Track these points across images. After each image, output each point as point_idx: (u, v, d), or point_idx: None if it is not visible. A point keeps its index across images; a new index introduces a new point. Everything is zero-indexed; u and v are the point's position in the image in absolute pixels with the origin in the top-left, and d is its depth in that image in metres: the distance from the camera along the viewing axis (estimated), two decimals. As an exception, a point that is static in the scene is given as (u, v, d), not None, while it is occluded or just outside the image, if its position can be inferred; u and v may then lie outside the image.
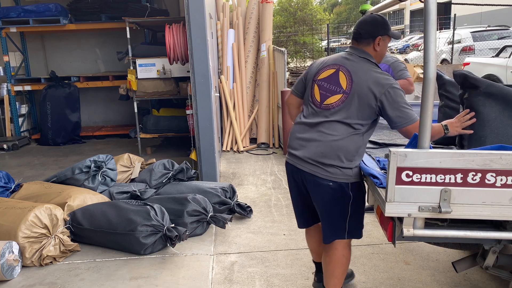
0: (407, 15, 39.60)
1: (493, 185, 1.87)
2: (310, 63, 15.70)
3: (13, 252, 3.21)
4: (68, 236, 3.57)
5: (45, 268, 3.36)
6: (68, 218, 3.69)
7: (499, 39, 13.57)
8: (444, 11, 25.34)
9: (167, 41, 6.00)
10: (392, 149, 1.89)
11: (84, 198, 3.92)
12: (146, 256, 3.51)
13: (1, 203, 3.68)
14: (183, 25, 5.91)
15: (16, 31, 8.02)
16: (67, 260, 3.47)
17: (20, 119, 8.36)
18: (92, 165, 4.30)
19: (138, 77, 6.67)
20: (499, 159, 1.84)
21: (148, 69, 6.69)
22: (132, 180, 4.83)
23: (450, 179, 1.87)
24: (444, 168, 1.86)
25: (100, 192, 4.22)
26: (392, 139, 3.19)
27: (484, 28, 15.42)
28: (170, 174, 4.59)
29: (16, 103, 8.20)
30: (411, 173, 1.88)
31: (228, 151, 7.05)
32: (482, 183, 1.87)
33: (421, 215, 1.94)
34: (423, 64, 1.88)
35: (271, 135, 7.34)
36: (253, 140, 7.51)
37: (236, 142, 7.13)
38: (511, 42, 12.21)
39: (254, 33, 7.58)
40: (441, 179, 1.88)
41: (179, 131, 6.97)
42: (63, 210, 3.67)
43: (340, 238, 2.49)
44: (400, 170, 1.88)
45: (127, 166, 4.94)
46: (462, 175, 1.87)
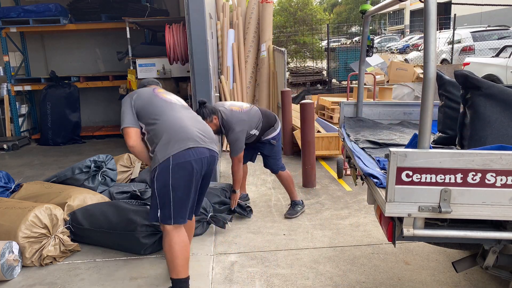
0: (407, 15, 39.60)
1: (493, 185, 1.87)
2: (310, 63, 15.54)
3: (13, 252, 3.21)
4: (68, 236, 3.57)
5: (45, 268, 3.36)
6: (68, 218, 3.69)
7: (499, 39, 13.57)
8: (444, 11, 25.34)
9: (167, 41, 6.00)
10: (392, 149, 1.89)
11: (84, 198, 3.92)
12: (146, 256, 3.51)
13: (1, 203, 3.68)
14: (183, 25, 5.92)
15: (16, 31, 8.03)
16: (67, 260, 3.47)
17: (20, 119, 8.37)
18: (92, 165, 4.30)
19: (138, 77, 6.67)
20: (499, 159, 1.84)
21: (148, 69, 6.69)
22: (132, 180, 4.83)
23: (450, 179, 1.87)
24: (444, 168, 1.86)
25: (100, 192, 4.22)
26: (392, 139, 3.19)
27: (484, 28, 15.42)
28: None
29: (16, 103, 8.20)
30: (411, 173, 1.88)
31: (228, 151, 7.04)
32: (482, 183, 1.87)
33: (421, 215, 1.95)
34: (423, 64, 1.88)
35: (271, 135, 7.33)
36: (253, 140, 7.50)
37: (236, 142, 7.12)
38: (511, 42, 12.21)
39: (254, 33, 7.58)
40: (441, 179, 1.88)
41: (179, 131, 6.97)
42: (63, 210, 3.67)
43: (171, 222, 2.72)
44: (400, 170, 1.89)
45: (127, 166, 4.94)
46: (462, 175, 1.87)
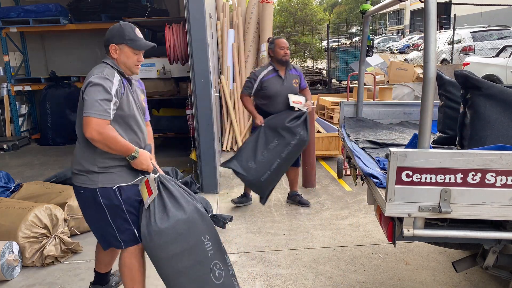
0: (407, 15, 39.60)
1: (493, 185, 1.87)
2: (310, 63, 15.52)
3: (13, 252, 3.21)
4: (68, 236, 3.57)
5: (45, 268, 3.36)
6: (68, 218, 3.69)
7: (499, 39, 13.58)
8: (444, 11, 25.34)
9: (167, 41, 6.00)
10: (392, 149, 1.89)
11: (84, 198, 3.92)
12: (146, 256, 3.51)
13: (1, 203, 3.68)
14: (183, 25, 5.91)
15: (16, 31, 8.03)
16: (67, 260, 3.47)
17: (20, 119, 8.36)
18: (92, 165, 4.30)
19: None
20: (499, 159, 1.84)
21: (148, 69, 6.69)
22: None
23: (450, 179, 1.87)
24: (444, 168, 1.86)
25: (100, 192, 4.22)
26: (392, 139, 3.19)
27: (484, 28, 15.42)
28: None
29: (16, 103, 8.20)
30: (411, 173, 1.88)
31: (228, 151, 7.05)
32: (482, 183, 1.87)
33: (421, 215, 1.95)
34: (423, 64, 1.88)
35: (271, 135, 7.33)
36: (253, 140, 7.50)
37: (236, 142, 7.13)
38: (511, 42, 12.21)
39: (254, 33, 7.58)
40: (441, 179, 1.88)
41: (179, 131, 6.97)
42: (63, 210, 3.67)
43: (118, 247, 2.47)
44: (400, 170, 1.89)
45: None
46: (462, 175, 1.87)
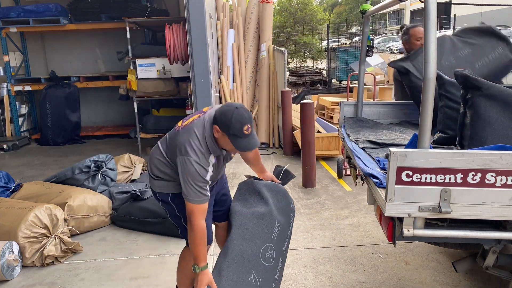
0: (407, 15, 39.58)
1: (493, 185, 1.87)
2: (310, 63, 15.49)
3: (13, 252, 3.21)
4: (68, 237, 3.57)
5: (45, 268, 3.36)
6: (68, 218, 3.69)
7: (499, 39, 13.55)
8: (444, 11, 25.34)
9: (167, 41, 6.00)
10: (392, 149, 1.89)
11: (84, 198, 3.92)
12: (146, 256, 3.52)
13: (1, 203, 3.68)
14: (183, 25, 5.91)
15: (16, 31, 8.03)
16: (67, 260, 3.47)
17: (20, 119, 8.36)
18: (92, 165, 4.30)
19: (138, 77, 6.67)
20: (499, 159, 1.84)
21: (148, 69, 6.69)
22: (133, 181, 4.83)
23: (450, 179, 1.87)
24: (444, 168, 1.86)
25: (100, 192, 4.22)
26: (392, 139, 3.19)
27: (484, 28, 15.39)
28: None
29: (16, 103, 8.20)
30: (411, 173, 1.88)
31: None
32: (482, 183, 1.87)
33: (421, 215, 1.94)
34: (423, 64, 1.87)
35: (271, 135, 7.34)
36: (253, 140, 7.50)
37: (236, 142, 7.12)
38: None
39: (254, 33, 7.58)
40: (441, 179, 1.88)
41: (179, 131, 6.96)
42: (63, 210, 3.67)
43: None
44: (400, 170, 1.88)
45: (127, 166, 4.94)
46: (462, 175, 1.86)
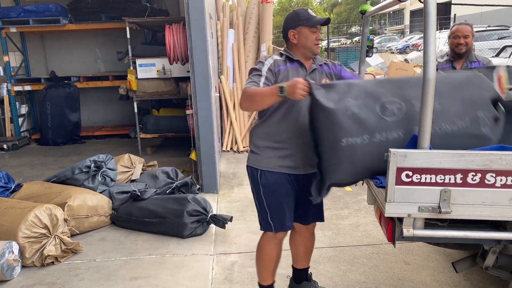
0: (407, 15, 39.59)
1: (493, 185, 1.87)
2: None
3: (13, 252, 3.21)
4: (68, 237, 3.57)
5: (45, 268, 3.36)
6: (68, 218, 3.69)
7: (499, 39, 13.58)
8: (444, 11, 25.34)
9: (167, 41, 6.00)
10: (392, 149, 1.89)
11: (84, 198, 3.92)
12: (146, 256, 3.52)
13: (1, 203, 3.68)
14: (183, 25, 5.91)
15: (16, 31, 8.02)
16: (67, 260, 3.47)
17: (20, 119, 8.36)
18: (92, 165, 4.30)
19: (138, 77, 6.67)
20: (498, 159, 1.84)
21: (148, 69, 6.69)
22: (133, 181, 4.83)
23: (450, 179, 1.87)
24: (444, 168, 1.86)
25: (100, 192, 4.22)
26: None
27: (484, 28, 15.42)
28: (174, 185, 4.50)
29: (16, 103, 8.20)
30: (411, 173, 1.88)
31: (228, 151, 7.05)
32: (482, 184, 1.87)
33: (421, 215, 1.94)
34: (423, 65, 1.88)
35: (271, 135, 7.33)
36: (253, 140, 7.49)
37: (236, 142, 7.13)
38: (511, 42, 12.22)
39: (254, 33, 7.58)
40: (441, 180, 1.88)
41: (179, 131, 6.97)
42: (63, 210, 3.67)
43: (261, 228, 2.64)
44: (400, 171, 1.88)
45: (127, 166, 4.94)
46: (462, 176, 1.87)
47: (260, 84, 2.31)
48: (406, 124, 2.00)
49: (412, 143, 1.98)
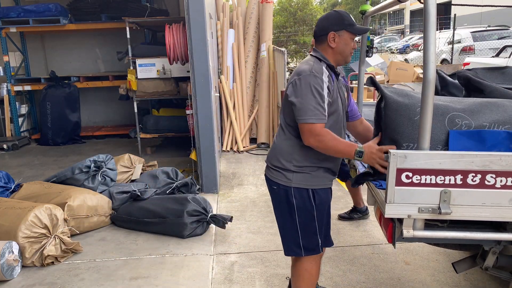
0: (407, 15, 39.59)
1: (492, 186, 1.87)
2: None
3: (13, 252, 3.21)
4: (68, 237, 3.57)
5: (45, 268, 3.36)
6: (68, 218, 3.69)
7: (499, 39, 13.58)
8: (444, 11, 25.33)
9: (167, 41, 6.00)
10: (392, 150, 1.89)
11: (84, 198, 3.92)
12: (146, 256, 3.52)
13: (1, 203, 3.68)
14: (183, 25, 5.91)
15: (16, 31, 8.02)
16: (67, 260, 3.47)
17: (20, 119, 8.36)
18: (92, 165, 4.30)
19: (138, 77, 6.66)
20: (498, 160, 1.84)
21: (148, 69, 6.69)
22: (133, 181, 4.83)
23: (450, 180, 1.87)
24: (444, 169, 1.86)
25: (100, 192, 4.22)
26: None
27: (484, 28, 15.43)
28: (174, 185, 4.49)
29: (16, 103, 8.19)
30: (411, 174, 1.88)
31: (228, 151, 7.05)
32: (482, 184, 1.87)
33: (421, 216, 1.95)
34: (423, 65, 1.88)
35: (271, 135, 7.34)
36: (253, 140, 7.51)
37: (236, 142, 7.13)
38: (511, 42, 12.22)
39: (254, 33, 7.58)
40: (441, 180, 1.88)
41: (179, 131, 6.97)
42: (63, 210, 3.67)
43: (297, 254, 2.37)
44: (400, 172, 1.89)
45: (127, 166, 4.94)
46: (462, 176, 1.87)
47: (326, 118, 2.13)
48: None
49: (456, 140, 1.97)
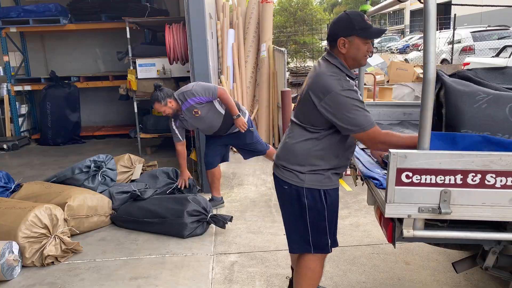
0: (407, 15, 39.59)
1: (493, 186, 1.87)
2: (310, 63, 15.56)
3: (13, 252, 3.21)
4: (68, 237, 3.57)
5: (45, 268, 3.36)
6: (68, 218, 3.69)
7: (499, 39, 13.58)
8: (444, 11, 25.33)
9: (167, 41, 6.00)
10: (392, 150, 1.89)
11: (84, 198, 3.92)
12: (146, 256, 3.52)
13: (1, 203, 3.69)
14: (183, 25, 5.91)
15: (16, 31, 8.02)
16: (67, 260, 3.48)
17: (20, 119, 8.36)
18: (92, 165, 4.31)
19: (138, 77, 6.66)
20: (499, 160, 1.84)
21: (148, 69, 6.68)
22: (132, 181, 4.83)
23: (450, 180, 1.87)
24: (444, 169, 1.86)
25: (100, 192, 4.23)
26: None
27: (484, 28, 15.42)
28: (174, 185, 4.52)
29: (16, 103, 8.19)
30: (411, 174, 1.88)
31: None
32: (482, 184, 1.87)
33: (421, 216, 1.94)
34: (423, 65, 1.88)
35: (271, 135, 7.34)
36: (253, 140, 7.49)
37: (236, 142, 7.12)
38: (511, 42, 12.22)
39: (254, 33, 7.58)
40: (441, 180, 1.88)
41: (179, 131, 6.96)
42: (63, 210, 3.67)
43: (306, 250, 2.38)
44: (400, 171, 1.88)
45: (127, 166, 4.94)
46: (462, 176, 1.87)
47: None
48: None
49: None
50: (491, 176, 1.86)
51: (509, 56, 9.80)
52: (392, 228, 2.10)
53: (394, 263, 3.34)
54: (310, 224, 2.31)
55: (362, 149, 2.99)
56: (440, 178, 1.87)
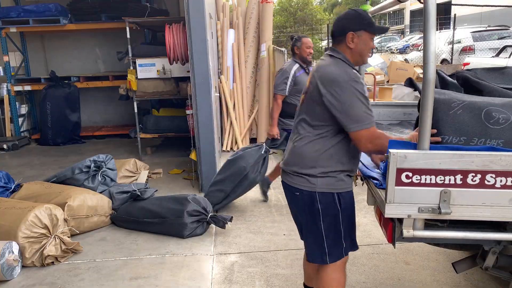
0: (407, 15, 39.57)
1: (492, 186, 1.87)
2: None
3: (13, 252, 3.21)
4: (68, 237, 3.57)
5: (45, 268, 3.36)
6: (68, 218, 3.69)
7: (499, 39, 13.57)
8: (444, 11, 25.33)
9: (167, 41, 6.00)
10: (391, 150, 1.89)
11: (84, 198, 3.92)
12: (146, 256, 3.52)
13: (1, 203, 3.69)
14: (183, 25, 5.91)
15: (16, 31, 8.02)
16: (67, 260, 3.48)
17: (20, 119, 8.36)
18: (92, 165, 4.31)
19: (138, 77, 6.66)
20: (498, 160, 1.84)
21: (148, 69, 6.68)
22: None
23: (450, 180, 1.87)
24: (443, 169, 1.86)
25: (100, 192, 4.23)
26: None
27: (484, 28, 15.42)
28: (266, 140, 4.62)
29: (16, 103, 8.19)
30: (410, 174, 1.88)
31: (228, 151, 7.05)
32: (482, 184, 1.87)
33: (421, 216, 1.94)
34: (423, 65, 1.88)
35: (271, 135, 7.33)
36: (253, 140, 7.51)
37: (236, 142, 7.13)
38: (511, 42, 12.22)
39: (254, 33, 7.58)
40: (440, 180, 1.87)
41: (179, 131, 6.97)
42: (63, 210, 3.67)
43: (322, 262, 2.27)
44: (400, 171, 1.88)
45: (132, 171, 4.94)
46: (461, 176, 1.86)
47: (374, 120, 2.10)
48: (509, 135, 2.03)
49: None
50: (491, 176, 1.86)
51: (509, 56, 9.80)
52: (392, 228, 2.10)
53: (394, 263, 3.34)
54: (324, 231, 2.22)
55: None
56: (440, 178, 1.87)
